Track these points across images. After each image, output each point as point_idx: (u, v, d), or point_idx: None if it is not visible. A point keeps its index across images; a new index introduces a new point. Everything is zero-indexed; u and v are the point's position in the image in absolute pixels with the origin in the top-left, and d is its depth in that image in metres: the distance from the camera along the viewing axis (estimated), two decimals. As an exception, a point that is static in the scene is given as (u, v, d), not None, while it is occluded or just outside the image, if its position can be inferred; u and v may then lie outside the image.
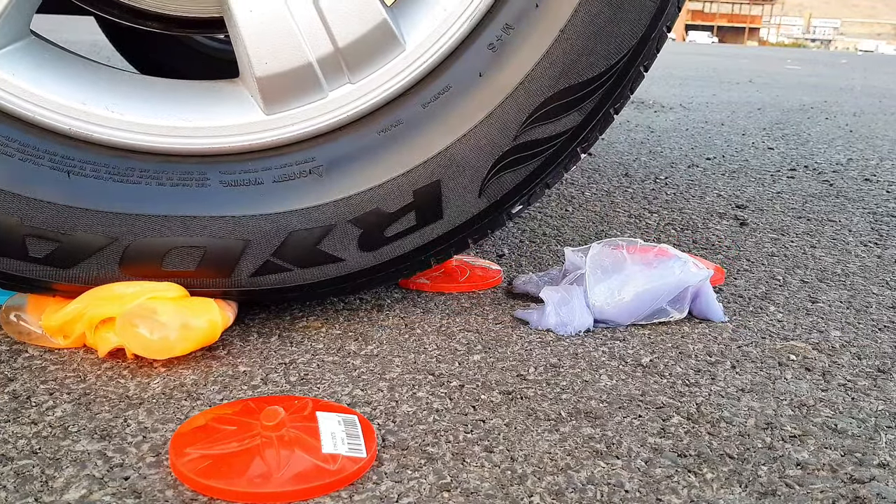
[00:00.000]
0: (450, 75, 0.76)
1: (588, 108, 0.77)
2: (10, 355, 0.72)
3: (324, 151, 0.76)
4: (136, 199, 0.72)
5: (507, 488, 0.55)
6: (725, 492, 0.56)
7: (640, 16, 0.75)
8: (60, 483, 0.53)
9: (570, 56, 0.75)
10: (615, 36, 0.75)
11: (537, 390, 0.70)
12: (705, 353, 0.79)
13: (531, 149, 0.77)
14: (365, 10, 0.73)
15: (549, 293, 0.84)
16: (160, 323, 0.68)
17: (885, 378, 0.76)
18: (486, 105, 0.76)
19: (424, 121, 0.76)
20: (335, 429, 0.59)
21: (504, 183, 0.78)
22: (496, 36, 0.75)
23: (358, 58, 0.74)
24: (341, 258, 0.77)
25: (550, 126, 0.77)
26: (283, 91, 0.74)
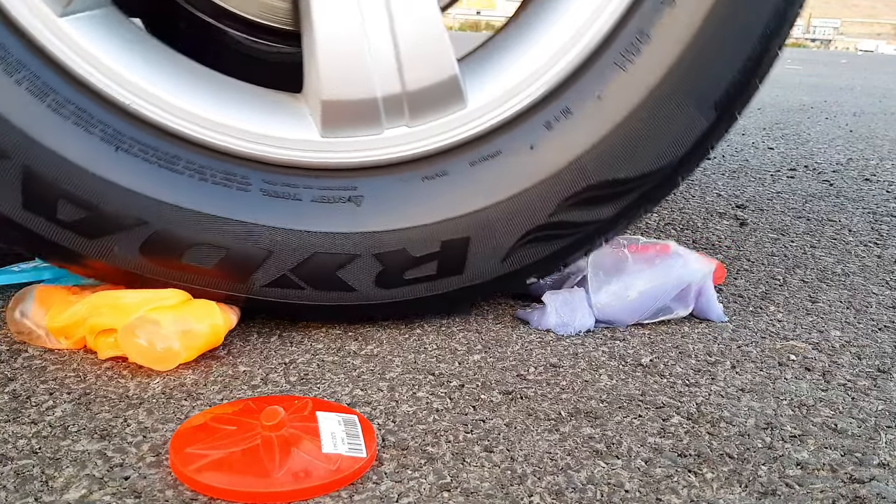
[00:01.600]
0: (502, 141, 0.77)
1: (622, 204, 0.79)
2: (10, 355, 0.72)
3: (367, 183, 0.76)
4: (174, 189, 0.72)
5: (507, 488, 0.55)
6: (725, 492, 0.56)
7: (692, 131, 0.78)
8: (60, 483, 0.53)
9: (618, 151, 0.77)
10: (665, 144, 0.77)
11: (537, 390, 0.70)
12: (705, 352, 0.79)
13: (561, 229, 0.79)
14: (439, 61, 0.74)
15: (550, 295, 0.84)
16: (162, 334, 0.68)
17: (885, 378, 0.76)
18: (530, 177, 0.77)
19: (469, 178, 0.77)
20: (335, 429, 0.59)
21: (528, 254, 0.79)
22: (554, 116, 0.77)
23: (421, 104, 0.75)
24: (355, 288, 0.77)
25: (584, 212, 0.79)
26: (344, 118, 0.75)
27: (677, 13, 0.75)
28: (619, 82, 0.76)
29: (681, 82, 0.76)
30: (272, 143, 0.74)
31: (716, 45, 0.76)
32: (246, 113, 0.75)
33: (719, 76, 0.77)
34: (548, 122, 0.77)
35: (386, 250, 0.76)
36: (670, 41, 0.75)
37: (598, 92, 0.76)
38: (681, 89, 0.76)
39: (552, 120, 0.77)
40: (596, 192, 0.78)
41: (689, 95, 0.77)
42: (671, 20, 0.75)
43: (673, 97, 0.76)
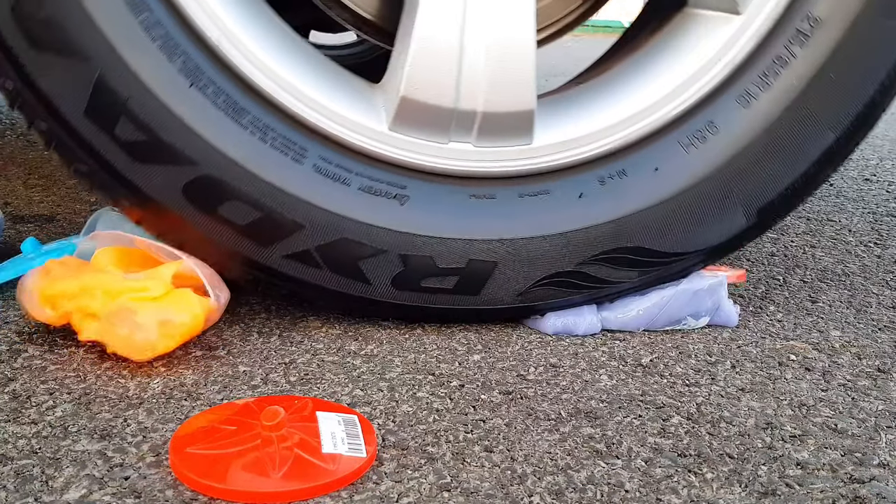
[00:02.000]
0: (555, 183, 0.79)
1: (646, 274, 0.81)
2: (10, 355, 0.72)
3: (417, 186, 0.77)
4: (234, 141, 0.72)
5: (507, 488, 0.55)
6: (725, 492, 0.56)
7: (729, 229, 0.82)
8: (60, 483, 0.53)
9: (659, 225, 0.79)
10: (704, 232, 0.81)
11: (537, 390, 0.70)
12: (705, 353, 0.79)
13: (583, 280, 0.80)
14: (521, 93, 0.75)
15: None
16: (141, 325, 0.68)
17: (885, 378, 0.76)
18: (572, 223, 0.79)
19: (514, 207, 0.78)
20: (335, 429, 0.59)
21: (543, 294, 0.80)
22: (609, 174, 0.79)
23: (492, 127, 0.76)
24: (370, 282, 0.77)
25: (610, 271, 0.80)
26: (417, 118, 0.75)
27: (752, 117, 0.78)
28: (679, 162, 0.79)
29: (731, 182, 0.80)
30: (340, 121, 0.74)
31: (770, 160, 0.80)
32: (322, 84, 0.75)
33: (769, 187, 0.81)
34: (602, 178, 0.79)
35: (413, 253, 0.76)
36: (734, 142, 0.79)
37: (656, 165, 0.79)
38: (730, 188, 0.80)
39: (607, 177, 0.79)
40: (627, 256, 0.80)
41: (736, 196, 0.80)
42: (740, 121, 0.79)
43: (720, 194, 0.80)
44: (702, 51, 0.78)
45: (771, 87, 0.78)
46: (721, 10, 0.78)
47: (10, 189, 1.29)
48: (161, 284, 0.71)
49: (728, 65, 0.78)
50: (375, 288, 0.77)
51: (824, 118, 0.79)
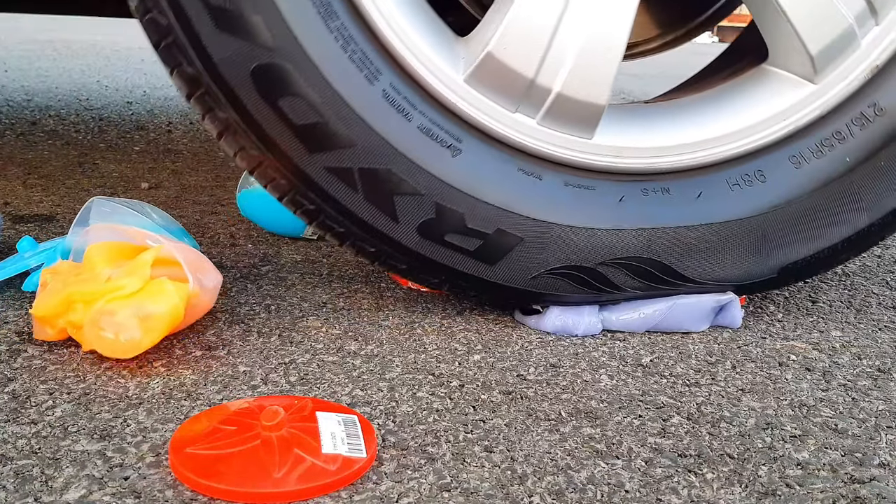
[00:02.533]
0: (600, 182, 0.80)
1: (654, 287, 0.83)
2: (10, 355, 0.72)
3: (472, 143, 0.77)
4: (316, 37, 0.71)
5: (508, 488, 0.55)
6: (725, 492, 0.56)
7: (749, 275, 0.84)
8: (60, 483, 0.53)
9: (685, 248, 0.81)
10: (721, 269, 0.83)
11: (537, 390, 0.70)
12: (706, 353, 0.79)
13: (595, 280, 0.81)
14: (599, 87, 0.76)
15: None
16: (123, 325, 0.67)
17: (886, 378, 0.76)
18: (604, 222, 0.80)
19: (555, 192, 0.79)
20: (335, 429, 0.59)
21: (554, 285, 0.80)
22: (653, 188, 0.81)
23: (560, 111, 0.77)
24: (398, 220, 0.77)
25: (624, 277, 0.81)
26: (492, 78, 0.75)
27: (799, 178, 0.82)
28: (721, 197, 0.82)
29: (764, 231, 0.82)
30: (419, 55, 0.74)
31: (805, 223, 0.83)
32: (410, 14, 0.74)
33: (796, 248, 0.83)
34: (645, 189, 0.81)
35: (448, 205, 0.76)
36: (776, 196, 0.82)
37: (700, 191, 0.81)
38: (762, 236, 0.82)
39: (651, 189, 0.81)
40: (646, 268, 0.80)
41: (765, 246, 0.82)
42: (787, 178, 0.82)
43: (751, 239, 0.82)
44: (770, 106, 0.81)
45: (823, 157, 0.82)
46: (798, 76, 0.81)
47: (10, 189, 1.29)
48: (138, 278, 0.70)
49: (790, 125, 0.81)
50: (401, 228, 0.77)
51: (865, 200, 0.83)
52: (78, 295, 0.70)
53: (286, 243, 1.09)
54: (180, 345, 0.75)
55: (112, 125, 1.94)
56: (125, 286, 0.70)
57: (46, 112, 2.07)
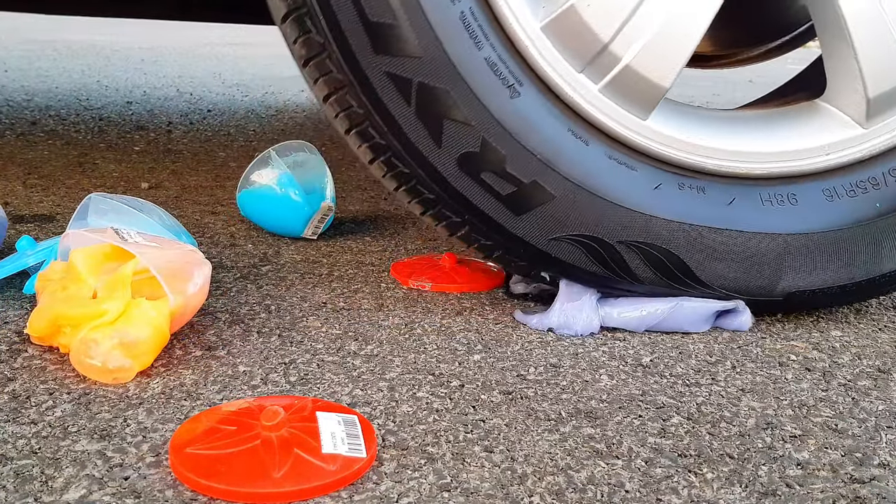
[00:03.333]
0: (642, 165, 0.80)
1: (664, 282, 0.83)
2: (10, 355, 0.72)
3: (531, 89, 0.77)
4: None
5: (508, 488, 0.55)
6: (725, 492, 0.56)
7: (760, 289, 0.84)
8: (60, 483, 0.53)
9: (706, 249, 0.82)
10: (734, 278, 0.83)
11: (537, 390, 0.70)
12: (706, 353, 0.79)
13: (610, 257, 0.81)
14: (667, 68, 0.77)
15: (560, 297, 0.84)
16: (105, 352, 0.66)
17: (885, 378, 0.76)
18: (638, 204, 0.80)
19: (598, 161, 0.79)
20: (335, 429, 0.59)
21: (569, 252, 0.81)
22: (689, 185, 0.81)
23: (623, 81, 0.77)
24: (441, 145, 0.76)
25: (638, 262, 0.81)
26: (564, 31, 0.76)
27: (827, 211, 0.83)
28: (752, 209, 0.82)
29: (783, 255, 0.83)
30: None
31: (823, 256, 0.84)
32: None
33: (808, 278, 0.84)
34: (681, 184, 0.81)
35: (493, 143, 0.76)
36: (802, 222, 0.83)
37: (733, 197, 0.82)
38: (781, 259, 0.83)
39: (686, 185, 0.81)
40: (663, 259, 0.81)
41: (781, 268, 0.83)
42: (817, 208, 0.83)
43: (770, 258, 0.83)
44: (816, 138, 0.83)
45: (855, 198, 0.83)
46: (850, 117, 0.83)
47: (10, 189, 1.29)
48: (119, 300, 0.69)
49: (831, 160, 0.83)
50: (442, 154, 0.76)
51: (886, 249, 0.84)
52: (64, 319, 0.69)
53: (286, 243, 1.09)
54: (180, 345, 0.75)
55: (112, 125, 1.94)
56: (107, 311, 0.68)
57: (46, 112, 2.07)
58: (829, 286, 0.85)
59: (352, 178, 1.51)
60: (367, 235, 1.15)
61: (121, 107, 2.23)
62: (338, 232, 1.15)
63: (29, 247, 0.86)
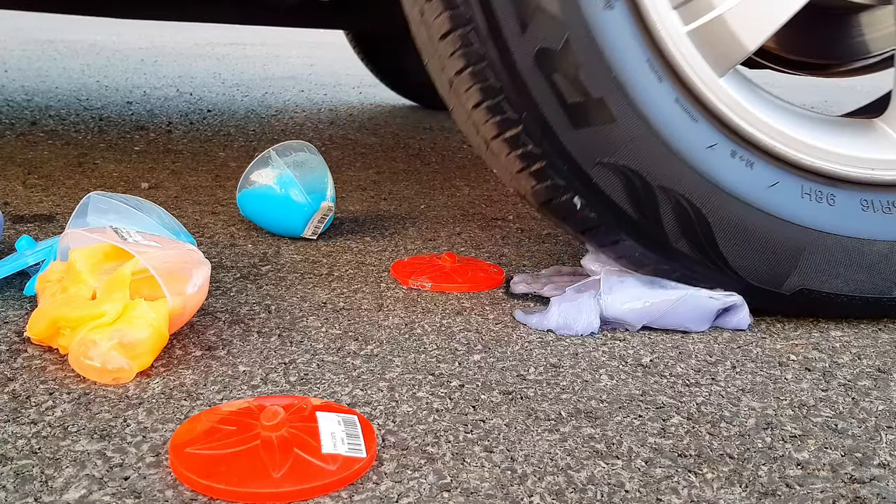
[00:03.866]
0: (705, 122, 0.81)
1: (688, 243, 0.83)
2: (10, 355, 0.72)
3: (622, 6, 0.78)
4: None
5: (508, 488, 0.55)
6: (725, 492, 0.56)
7: (779, 279, 0.85)
8: (60, 483, 0.53)
9: (735, 226, 0.82)
10: (755, 265, 0.83)
11: (537, 390, 0.70)
12: (706, 352, 0.79)
13: (645, 196, 0.81)
14: (745, 39, 0.79)
15: (557, 298, 0.84)
16: (105, 354, 0.66)
17: (885, 378, 0.76)
18: (685, 150, 0.80)
19: (666, 108, 0.79)
20: (335, 429, 0.59)
21: (609, 182, 0.80)
22: (740, 154, 0.82)
23: (708, 34, 0.79)
24: (525, 31, 0.76)
25: (669, 215, 0.81)
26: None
27: (861, 220, 0.84)
28: (793, 201, 0.83)
29: (807, 247, 0.83)
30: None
31: (847, 263, 0.84)
32: None
33: (830, 281, 0.85)
34: (734, 152, 0.81)
35: (575, 48, 0.76)
36: (836, 223, 0.84)
37: (776, 181, 0.82)
38: (800, 251, 0.83)
39: (737, 154, 0.81)
40: (695, 224, 0.81)
41: (798, 262, 0.84)
42: (851, 212, 0.84)
43: (791, 248, 0.83)
44: (867, 151, 0.84)
45: (889, 216, 0.85)
46: None
47: (10, 189, 1.29)
48: (118, 301, 0.69)
49: (875, 174, 0.84)
50: (522, 41, 0.76)
51: None
52: (63, 321, 0.69)
53: (286, 243, 1.09)
54: (180, 345, 0.75)
55: (112, 125, 1.94)
56: (105, 313, 0.68)
57: (46, 112, 2.07)
58: (838, 293, 0.85)
59: (352, 178, 1.51)
60: (367, 235, 1.15)
61: (121, 107, 2.23)
62: (338, 232, 1.15)
63: (28, 247, 0.86)
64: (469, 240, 1.15)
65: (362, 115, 2.31)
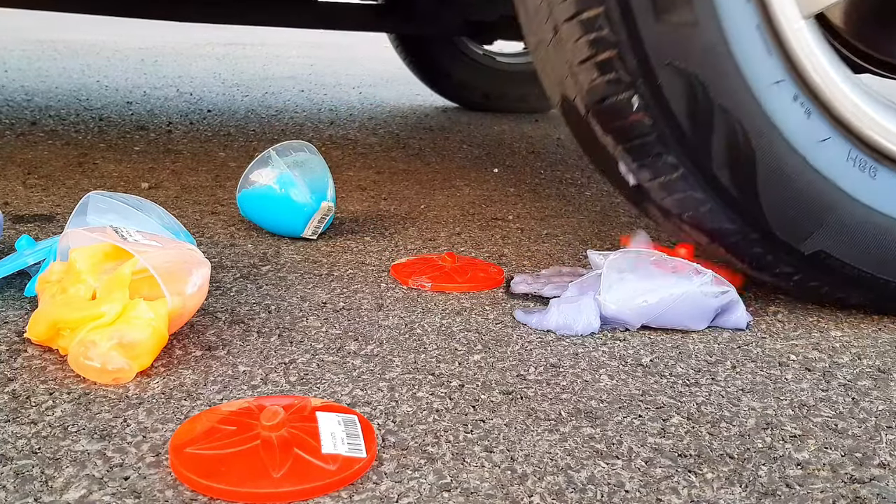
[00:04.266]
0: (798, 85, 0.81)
1: (734, 184, 0.83)
2: (10, 355, 0.72)
3: None
4: None
5: (508, 488, 0.55)
6: (725, 492, 0.56)
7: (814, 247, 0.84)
8: (60, 483, 0.53)
9: (789, 190, 0.82)
10: (798, 227, 0.83)
11: (537, 390, 0.70)
12: (706, 352, 0.79)
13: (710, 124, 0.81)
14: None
15: (556, 300, 0.84)
16: (104, 354, 0.66)
17: (885, 378, 0.76)
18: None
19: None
20: (335, 429, 0.59)
21: (673, 82, 0.79)
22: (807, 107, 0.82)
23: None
24: None
25: (722, 136, 0.81)
26: None
27: None
28: (852, 177, 0.83)
29: (842, 211, 0.82)
30: None
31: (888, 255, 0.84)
32: None
33: (865, 261, 0.84)
34: (807, 111, 0.81)
35: None
36: (884, 203, 0.84)
37: (828, 137, 0.82)
38: (834, 207, 0.83)
39: (811, 112, 0.82)
40: (745, 158, 0.80)
41: (832, 220, 0.83)
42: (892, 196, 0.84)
43: (830, 200, 0.82)
44: None
45: None
46: None
47: (10, 189, 1.29)
48: (118, 302, 0.69)
49: None
50: None
51: None
52: (63, 323, 0.69)
53: (286, 243, 1.09)
54: (180, 345, 0.75)
55: (112, 125, 1.94)
56: (104, 314, 0.68)
57: (46, 112, 2.07)
58: (852, 264, 0.84)
59: (352, 178, 1.51)
60: (367, 235, 1.15)
61: (121, 107, 2.23)
62: (338, 232, 1.15)
63: (28, 246, 0.86)
64: (469, 240, 1.15)
65: (362, 115, 2.31)
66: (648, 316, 0.82)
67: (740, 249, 0.86)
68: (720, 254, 0.89)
